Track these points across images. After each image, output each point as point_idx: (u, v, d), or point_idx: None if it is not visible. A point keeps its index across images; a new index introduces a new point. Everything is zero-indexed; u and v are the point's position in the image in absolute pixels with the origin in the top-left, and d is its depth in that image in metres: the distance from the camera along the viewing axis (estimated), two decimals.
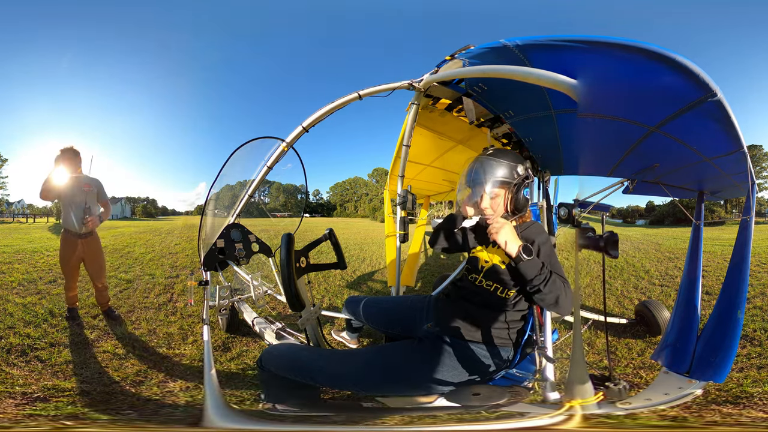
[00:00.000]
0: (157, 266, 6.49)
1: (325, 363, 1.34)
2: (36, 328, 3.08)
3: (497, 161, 1.43)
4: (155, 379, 2.33)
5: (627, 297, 4.48)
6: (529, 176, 1.46)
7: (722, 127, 1.25)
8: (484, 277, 1.42)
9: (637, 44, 1.06)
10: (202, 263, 2.47)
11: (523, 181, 1.44)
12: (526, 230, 1.45)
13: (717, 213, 29.22)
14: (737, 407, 1.82)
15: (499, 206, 1.42)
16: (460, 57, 1.78)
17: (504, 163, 1.43)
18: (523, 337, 1.42)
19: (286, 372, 1.32)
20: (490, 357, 1.31)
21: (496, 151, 1.49)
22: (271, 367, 1.35)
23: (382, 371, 1.28)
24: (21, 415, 1.77)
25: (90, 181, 3.30)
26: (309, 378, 1.29)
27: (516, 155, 1.51)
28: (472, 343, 1.32)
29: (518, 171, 1.44)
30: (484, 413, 1.15)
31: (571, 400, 1.14)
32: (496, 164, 1.43)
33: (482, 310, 1.39)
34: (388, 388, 1.28)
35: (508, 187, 1.42)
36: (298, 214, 3.19)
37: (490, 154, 1.48)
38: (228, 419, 1.22)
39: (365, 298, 1.87)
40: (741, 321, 1.42)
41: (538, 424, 1.12)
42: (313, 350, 1.56)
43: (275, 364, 1.36)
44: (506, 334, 1.36)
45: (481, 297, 1.42)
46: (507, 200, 1.42)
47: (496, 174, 1.42)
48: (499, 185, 1.42)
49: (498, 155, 1.47)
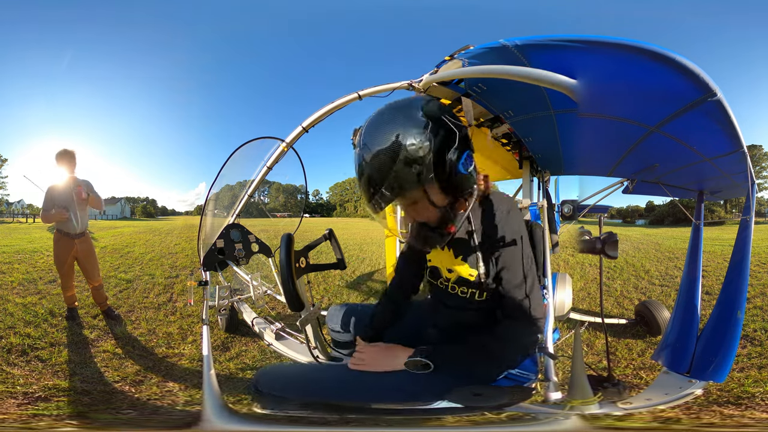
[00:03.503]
0: (157, 266, 6.49)
1: (324, 377, 1.26)
2: (36, 328, 3.09)
3: (375, 156, 0.90)
4: (154, 378, 2.33)
5: (627, 297, 4.47)
6: (449, 129, 0.91)
7: (722, 127, 1.25)
8: (455, 284, 1.18)
9: (636, 44, 1.06)
10: (202, 263, 2.47)
11: (440, 147, 0.89)
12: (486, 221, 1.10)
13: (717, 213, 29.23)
14: (739, 408, 1.81)
15: (425, 209, 1.00)
16: (460, 57, 1.78)
17: (384, 152, 0.88)
18: None
19: (285, 392, 1.25)
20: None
21: (367, 132, 0.93)
22: (268, 389, 1.24)
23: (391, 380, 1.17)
24: (25, 415, 1.77)
25: (82, 183, 3.35)
26: (311, 395, 1.21)
27: (401, 110, 0.93)
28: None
29: (413, 139, 0.87)
30: (486, 414, 1.15)
31: (572, 401, 1.14)
32: (376, 160, 0.90)
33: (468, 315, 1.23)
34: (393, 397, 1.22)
35: (416, 176, 0.89)
36: (298, 214, 3.18)
37: (362, 141, 0.93)
38: (226, 420, 1.21)
39: (346, 306, 1.65)
40: (741, 321, 1.42)
41: (539, 424, 1.12)
42: (309, 367, 1.51)
43: (272, 387, 1.24)
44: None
45: (457, 301, 1.21)
46: (431, 192, 0.96)
47: (383, 175, 0.90)
48: (398, 191, 0.91)
49: (372, 138, 0.91)
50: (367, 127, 0.95)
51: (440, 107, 0.95)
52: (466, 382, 1.14)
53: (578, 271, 6.18)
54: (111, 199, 72.69)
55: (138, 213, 79.42)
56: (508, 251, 1.07)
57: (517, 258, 1.08)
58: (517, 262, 1.08)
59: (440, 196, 0.99)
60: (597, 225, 1.65)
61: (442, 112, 0.94)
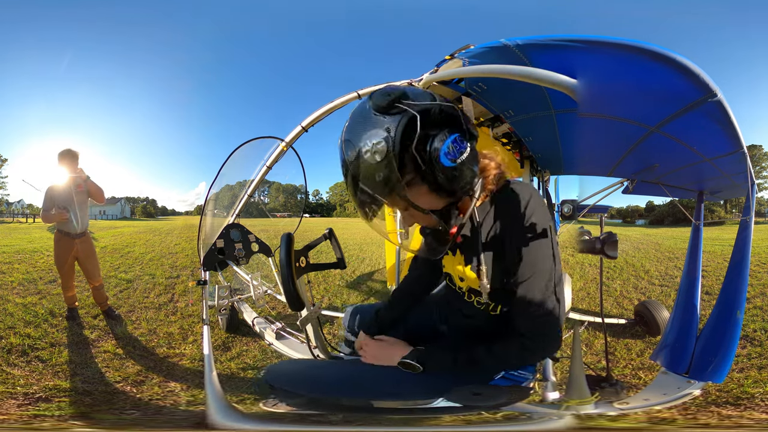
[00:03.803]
0: (157, 266, 6.49)
1: (332, 373, 1.26)
2: (36, 328, 3.08)
3: (346, 173, 0.82)
4: (156, 379, 2.33)
5: (626, 297, 4.48)
6: (410, 116, 0.74)
7: (722, 128, 1.25)
8: (471, 293, 1.09)
9: (637, 44, 1.06)
10: (202, 263, 2.47)
11: (402, 141, 0.74)
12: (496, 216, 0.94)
13: (717, 213, 29.24)
14: (738, 408, 1.81)
15: (419, 216, 0.87)
16: (460, 56, 1.78)
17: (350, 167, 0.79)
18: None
19: (294, 387, 1.27)
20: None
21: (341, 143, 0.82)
22: (278, 384, 1.26)
23: (397, 377, 1.15)
24: (26, 416, 1.77)
25: (82, 182, 3.33)
26: (319, 391, 1.23)
27: (354, 116, 0.81)
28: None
29: (366, 144, 0.75)
30: (485, 414, 1.15)
31: (569, 401, 1.14)
32: (348, 177, 0.81)
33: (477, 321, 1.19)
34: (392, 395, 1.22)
35: (385, 185, 0.77)
36: (298, 214, 3.18)
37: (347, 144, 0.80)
38: (230, 419, 1.22)
39: (353, 307, 1.66)
40: (740, 321, 1.42)
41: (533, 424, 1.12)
42: (320, 362, 1.52)
43: (281, 381, 1.26)
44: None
45: (472, 311, 1.13)
46: (414, 196, 0.81)
47: (355, 190, 0.81)
48: (374, 205, 0.83)
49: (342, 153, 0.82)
50: (341, 138, 0.85)
51: (388, 93, 0.76)
52: (461, 381, 1.13)
53: (578, 271, 6.18)
54: (111, 199, 72.72)
55: (138, 213, 79.46)
56: (527, 260, 0.88)
57: (536, 269, 0.87)
58: (537, 275, 0.88)
59: (428, 198, 0.83)
60: (597, 225, 1.65)
61: (393, 99, 0.75)
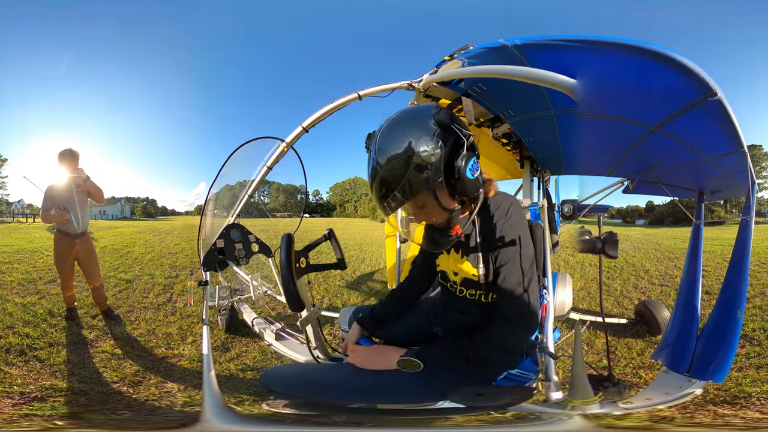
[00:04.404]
0: (157, 266, 6.49)
1: (334, 377, 1.27)
2: (35, 328, 3.08)
3: (389, 160, 0.96)
4: (153, 379, 2.33)
5: (627, 297, 4.47)
6: (458, 137, 0.98)
7: (722, 127, 1.25)
8: (462, 286, 1.21)
9: (636, 44, 1.06)
10: (202, 263, 2.47)
11: (452, 153, 0.97)
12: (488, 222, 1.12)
13: (717, 213, 29.25)
14: (734, 407, 1.81)
15: (434, 212, 1.06)
16: (459, 57, 1.78)
17: (398, 157, 0.94)
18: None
19: (294, 391, 1.25)
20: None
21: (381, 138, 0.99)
22: (277, 388, 1.27)
23: (398, 381, 1.17)
24: (17, 415, 1.76)
25: (82, 182, 3.33)
26: (320, 394, 1.22)
27: (415, 118, 0.99)
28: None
29: (425, 146, 0.93)
30: (488, 414, 1.14)
31: (573, 400, 1.14)
32: (390, 164, 0.96)
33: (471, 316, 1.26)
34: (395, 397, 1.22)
35: (427, 181, 0.96)
36: (298, 214, 3.18)
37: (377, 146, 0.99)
38: (227, 420, 1.21)
39: (354, 308, 1.71)
40: (741, 321, 1.42)
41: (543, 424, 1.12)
42: (319, 366, 1.52)
43: (281, 386, 1.27)
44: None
45: (466, 305, 1.23)
46: (441, 196, 1.01)
47: (396, 178, 0.95)
48: (410, 194, 0.97)
49: (387, 143, 0.97)
50: (382, 133, 1.01)
51: (450, 116, 0.99)
52: (462, 381, 1.15)
53: (578, 271, 6.18)
54: (111, 199, 72.62)
55: (138, 213, 79.37)
56: (507, 250, 1.09)
57: (515, 257, 1.09)
58: (515, 261, 1.09)
59: (449, 200, 1.05)
60: (597, 225, 1.65)
61: (452, 121, 0.98)
